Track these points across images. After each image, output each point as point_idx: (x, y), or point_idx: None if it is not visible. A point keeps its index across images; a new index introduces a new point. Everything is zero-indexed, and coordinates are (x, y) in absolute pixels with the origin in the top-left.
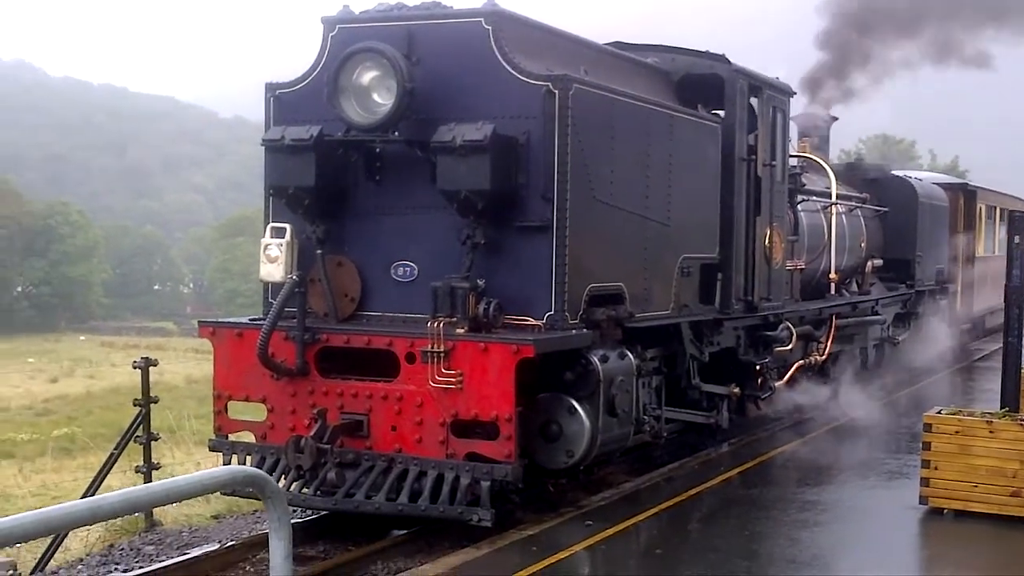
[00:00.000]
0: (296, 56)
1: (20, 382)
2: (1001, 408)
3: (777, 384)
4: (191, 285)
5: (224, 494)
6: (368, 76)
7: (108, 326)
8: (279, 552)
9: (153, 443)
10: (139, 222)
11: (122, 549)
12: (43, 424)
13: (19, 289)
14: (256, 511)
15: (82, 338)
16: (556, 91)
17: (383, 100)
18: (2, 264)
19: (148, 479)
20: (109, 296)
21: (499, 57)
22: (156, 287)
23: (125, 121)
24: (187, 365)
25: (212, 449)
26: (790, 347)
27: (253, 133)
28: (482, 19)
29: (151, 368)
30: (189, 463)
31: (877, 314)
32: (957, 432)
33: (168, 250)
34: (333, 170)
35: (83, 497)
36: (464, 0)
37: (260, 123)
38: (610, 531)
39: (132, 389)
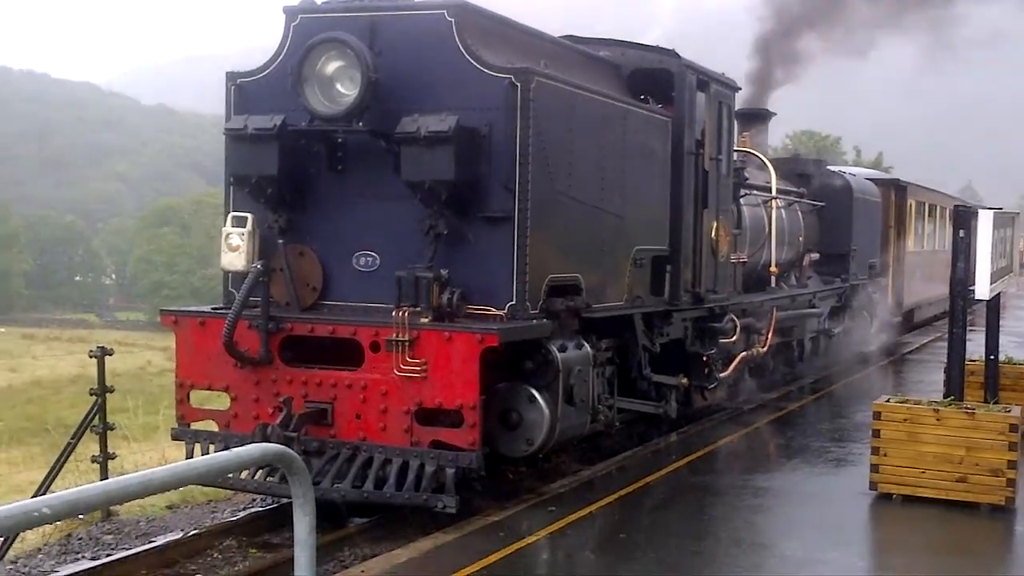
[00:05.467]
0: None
1: None
2: (946, 397)
3: (722, 375)
4: (113, 276)
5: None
6: (332, 66)
7: (29, 318)
8: (304, 526)
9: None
10: (60, 212)
11: (80, 539)
12: None
13: None
14: (211, 500)
15: (2, 330)
16: (518, 83)
17: (347, 90)
18: None
19: (104, 469)
20: (29, 287)
21: (462, 49)
22: (77, 278)
23: (46, 108)
24: (111, 359)
25: (175, 438)
26: (734, 339)
27: (177, 123)
28: (445, 11)
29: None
30: (142, 454)
31: (814, 307)
32: (905, 420)
33: (90, 241)
34: (296, 160)
35: (39, 490)
36: None
37: (185, 110)
38: (571, 517)
39: (54, 381)
